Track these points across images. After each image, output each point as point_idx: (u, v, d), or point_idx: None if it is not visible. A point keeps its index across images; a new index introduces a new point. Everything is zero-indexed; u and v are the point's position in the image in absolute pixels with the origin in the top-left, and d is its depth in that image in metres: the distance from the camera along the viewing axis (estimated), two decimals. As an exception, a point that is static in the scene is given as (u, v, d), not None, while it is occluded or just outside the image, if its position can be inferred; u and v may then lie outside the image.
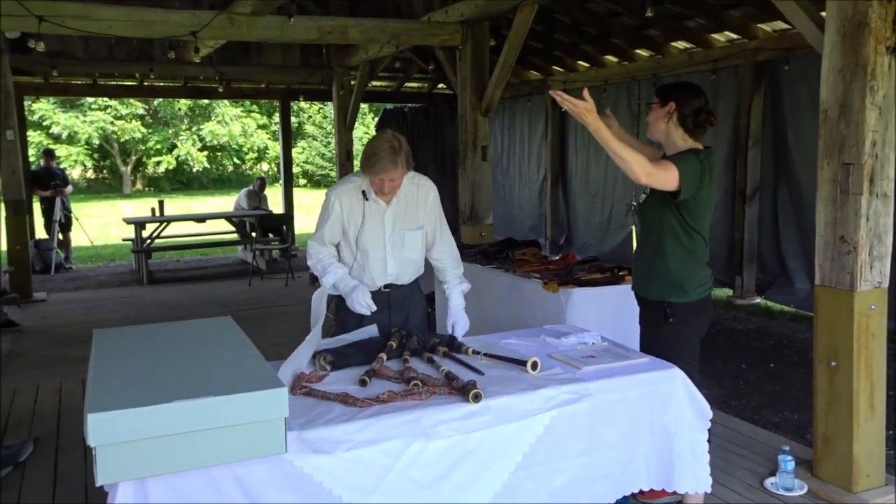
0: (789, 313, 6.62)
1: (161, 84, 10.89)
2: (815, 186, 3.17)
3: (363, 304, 2.84)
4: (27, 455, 3.50)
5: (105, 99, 22.86)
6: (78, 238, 10.77)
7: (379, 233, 2.93)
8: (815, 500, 3.02)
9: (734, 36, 6.98)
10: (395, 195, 2.91)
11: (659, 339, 2.71)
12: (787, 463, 3.06)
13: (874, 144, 2.94)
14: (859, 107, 2.93)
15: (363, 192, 2.90)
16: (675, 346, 2.67)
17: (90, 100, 23.31)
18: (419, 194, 2.97)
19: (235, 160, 29.62)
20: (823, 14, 3.08)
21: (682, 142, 2.74)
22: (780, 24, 6.38)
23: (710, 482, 2.48)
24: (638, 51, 8.09)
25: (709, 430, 3.41)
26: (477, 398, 2.12)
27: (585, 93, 2.43)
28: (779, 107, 6.76)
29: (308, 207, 18.40)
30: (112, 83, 10.70)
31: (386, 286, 2.99)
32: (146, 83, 10.45)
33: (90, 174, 28.30)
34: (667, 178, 2.56)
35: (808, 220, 5.85)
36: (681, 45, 7.60)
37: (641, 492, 2.48)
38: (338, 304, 3.10)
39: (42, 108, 23.43)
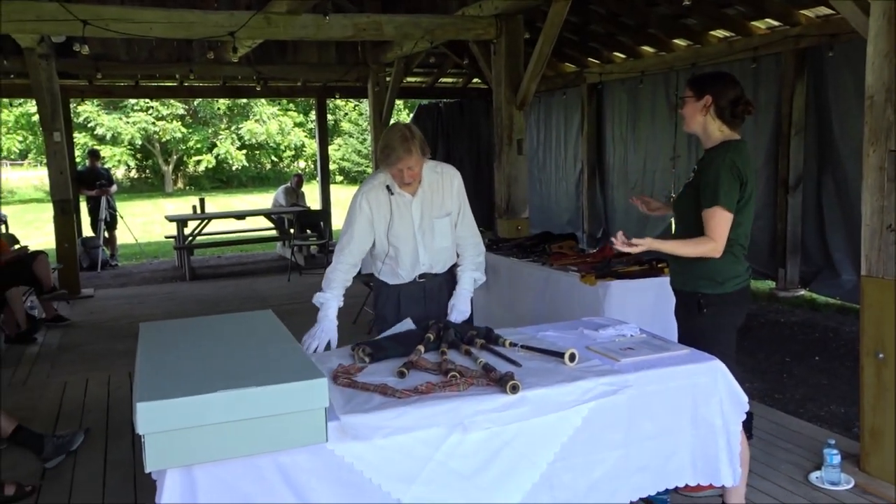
0: (834, 305, 6.46)
1: (200, 84, 11.09)
2: (860, 175, 3.09)
3: (317, 341, 2.84)
4: (78, 444, 3.61)
5: (147, 100, 23.44)
6: (123, 236, 11.06)
7: (408, 225, 3.00)
8: (861, 494, 2.95)
9: (775, 23, 6.82)
10: (420, 186, 2.97)
11: (693, 331, 2.69)
12: (833, 457, 2.99)
13: (923, 130, 2.85)
14: (907, 92, 2.84)
15: (387, 188, 2.96)
16: (710, 337, 2.64)
17: (132, 101, 23.91)
18: (444, 182, 3.03)
19: (273, 158, 30.08)
20: (869, -2, 2.99)
21: (719, 133, 2.69)
22: (824, 10, 6.21)
23: (740, 474, 2.47)
24: (676, 41, 7.96)
25: (752, 423, 3.37)
26: (514, 389, 2.13)
27: (618, 244, 2.59)
28: (823, 95, 6.58)
29: (345, 204, 18.45)
30: (153, 84, 10.95)
31: (421, 276, 3.05)
32: (186, 84, 10.66)
33: (133, 174, 29.03)
34: (723, 223, 2.57)
35: (854, 211, 5.70)
36: (720, 33, 7.45)
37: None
38: (376, 298, 3.17)
39: (87, 109, 24.12)
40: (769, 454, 3.29)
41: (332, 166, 26.71)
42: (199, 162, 28.02)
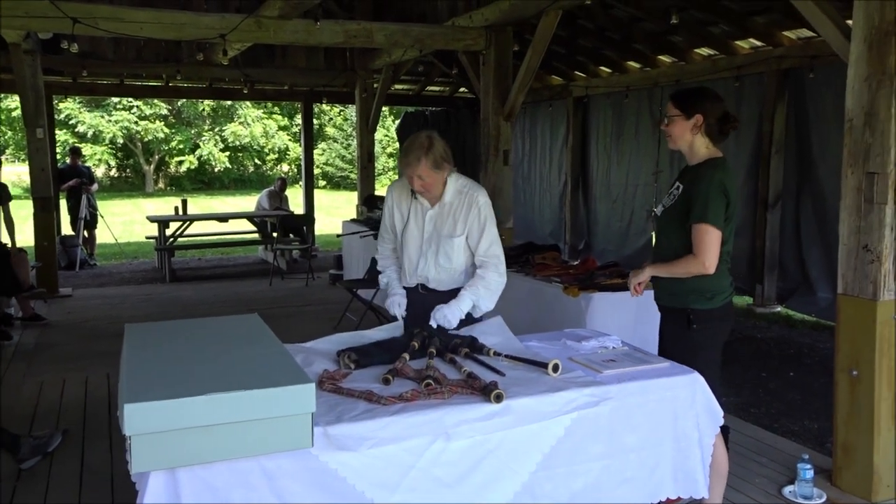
0: (810, 322, 6.58)
1: (185, 85, 11.05)
2: (838, 195, 3.16)
3: (397, 308, 3.03)
4: (55, 446, 3.58)
5: (130, 99, 23.24)
6: (102, 235, 10.95)
7: (418, 232, 3.02)
8: (834, 509, 3.02)
9: (758, 43, 6.96)
10: (441, 201, 2.96)
11: (683, 346, 2.71)
12: (806, 471, 3.05)
13: (900, 154, 2.93)
14: (885, 115, 2.93)
15: (412, 191, 2.98)
16: (699, 352, 2.67)
17: (115, 99, 23.69)
18: (464, 202, 2.96)
19: (256, 161, 29.93)
20: (850, 22, 3.08)
21: (705, 150, 2.73)
22: (806, 32, 6.35)
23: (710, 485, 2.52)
24: (661, 57, 8.09)
25: (728, 437, 3.42)
26: (499, 398, 2.15)
27: (634, 291, 2.84)
28: (803, 115, 6.72)
29: (328, 209, 18.54)
30: (138, 83, 10.88)
31: (422, 288, 3.05)
32: (171, 84, 10.61)
33: (114, 173, 28.73)
34: (713, 240, 2.60)
35: (832, 229, 5.81)
36: (704, 51, 7.58)
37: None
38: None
39: (68, 107, 23.85)
40: (744, 468, 3.35)
41: (316, 171, 26.67)
42: (181, 163, 27.82)
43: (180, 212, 10.91)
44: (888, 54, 2.89)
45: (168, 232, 9.39)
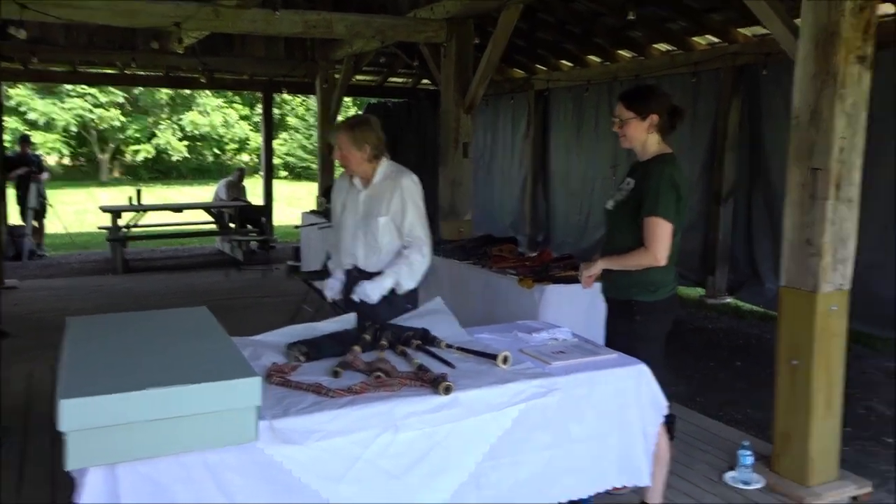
0: (758, 313, 6.75)
1: (142, 73, 10.78)
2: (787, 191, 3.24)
3: (328, 291, 3.39)
4: (-2, 443, 3.48)
5: (84, 86, 22.59)
6: (53, 225, 10.65)
7: (352, 215, 3.25)
8: (770, 493, 3.11)
9: (715, 40, 7.09)
10: (372, 183, 3.20)
11: (627, 337, 2.77)
12: (746, 458, 3.15)
13: (841, 151, 3.02)
14: (828, 114, 3.00)
15: (350, 177, 3.26)
16: (643, 343, 2.73)
17: (69, 87, 23.00)
18: (393, 185, 3.18)
19: (216, 150, 29.39)
20: (798, 21, 3.15)
21: (656, 146, 2.79)
22: (760, 30, 6.47)
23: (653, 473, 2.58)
24: (620, 51, 8.17)
25: (674, 425, 3.49)
26: (447, 391, 2.16)
27: (585, 283, 2.93)
28: (756, 111, 6.87)
29: (289, 199, 18.34)
30: (92, 71, 10.58)
31: (356, 270, 3.24)
32: (127, 72, 10.35)
33: (67, 161, 27.92)
34: (664, 232, 2.65)
35: (780, 224, 5.95)
36: (663, 47, 7.69)
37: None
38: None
39: (19, 94, 23.05)
40: (688, 455, 3.43)
41: (276, 161, 26.32)
42: (137, 152, 27.16)
43: (134, 201, 10.67)
44: (833, 54, 2.97)
45: (121, 222, 9.18)
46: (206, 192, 18.36)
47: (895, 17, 5.47)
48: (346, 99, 14.57)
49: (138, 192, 10.87)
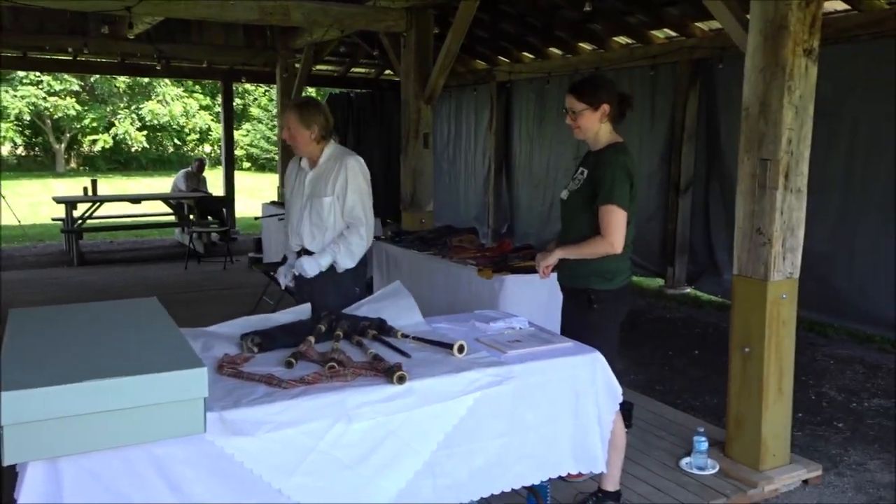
0: (716, 303, 6.89)
1: (96, 60, 10.50)
2: (743, 182, 3.30)
3: (282, 278, 3.49)
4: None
5: (37, 73, 21.94)
6: (4, 217, 10.33)
7: (299, 196, 3.33)
8: (724, 478, 3.18)
9: (673, 33, 7.17)
10: (318, 165, 3.28)
11: (583, 326, 2.79)
12: (701, 444, 3.21)
13: (790, 142, 3.09)
14: (777, 105, 3.07)
15: (300, 159, 3.35)
16: (599, 331, 2.76)
17: (21, 74, 22.32)
18: (338, 164, 3.25)
19: (176, 141, 28.86)
20: (749, 16, 3.20)
21: (608, 135, 2.83)
22: (716, 24, 6.57)
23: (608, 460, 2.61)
24: (581, 44, 8.22)
25: (632, 413, 3.54)
26: (401, 380, 2.16)
27: (542, 274, 2.94)
28: (713, 103, 6.98)
29: (251, 191, 18.08)
30: (44, 57, 10.27)
31: (304, 250, 3.32)
32: (80, 58, 10.06)
33: (21, 151, 27.12)
34: (619, 220, 2.68)
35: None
36: (622, 40, 7.75)
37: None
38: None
39: (-32, 80, 22.31)
40: (645, 441, 3.49)
41: (239, 152, 25.97)
42: (94, 142, 26.51)
43: (90, 192, 10.41)
44: (781, 47, 3.03)
45: (76, 213, 8.95)
46: (166, 184, 17.96)
47: (846, 13, 5.60)
48: (310, 89, 14.41)
49: (93, 182, 10.61)
